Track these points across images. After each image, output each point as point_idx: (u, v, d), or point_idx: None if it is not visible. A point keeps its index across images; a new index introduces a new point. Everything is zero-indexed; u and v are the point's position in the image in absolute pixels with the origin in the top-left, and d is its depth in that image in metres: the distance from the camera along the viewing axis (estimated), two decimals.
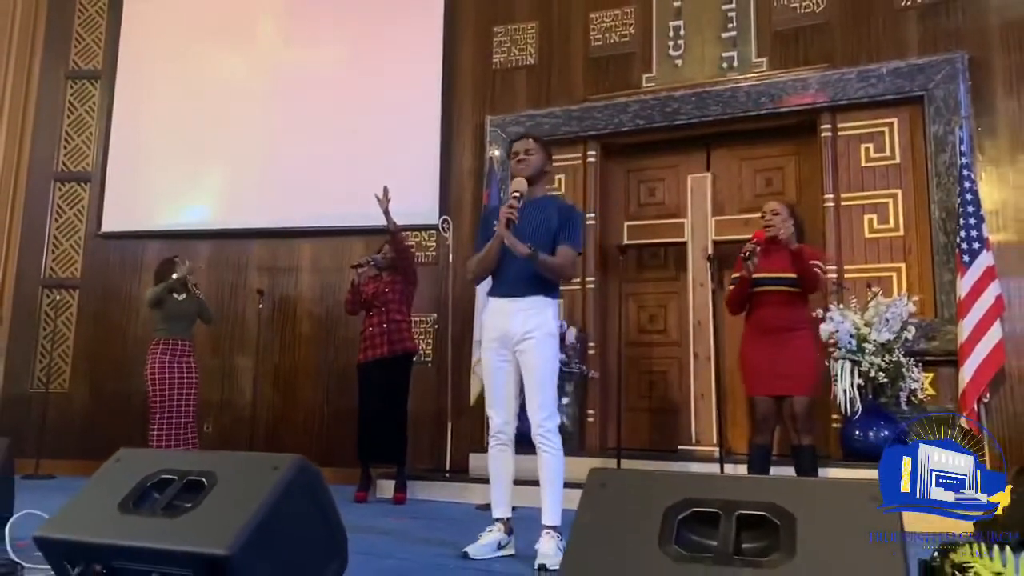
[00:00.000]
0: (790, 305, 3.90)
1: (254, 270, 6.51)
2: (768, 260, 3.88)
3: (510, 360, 3.20)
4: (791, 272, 3.84)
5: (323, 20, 6.67)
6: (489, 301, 3.33)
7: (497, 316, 3.23)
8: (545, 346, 3.17)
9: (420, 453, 5.65)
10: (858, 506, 1.57)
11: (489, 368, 3.25)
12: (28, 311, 6.72)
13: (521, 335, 3.15)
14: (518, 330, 3.16)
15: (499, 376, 3.22)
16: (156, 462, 2.25)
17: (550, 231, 3.19)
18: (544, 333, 3.17)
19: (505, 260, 3.21)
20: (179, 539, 1.92)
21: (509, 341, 3.18)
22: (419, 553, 3.20)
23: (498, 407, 3.21)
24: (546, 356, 3.17)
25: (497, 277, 3.28)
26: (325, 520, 2.13)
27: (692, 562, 1.53)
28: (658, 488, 1.70)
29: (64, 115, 7.00)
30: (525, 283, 3.17)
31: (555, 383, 3.22)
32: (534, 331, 3.14)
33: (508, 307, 3.20)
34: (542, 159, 3.31)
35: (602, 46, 5.96)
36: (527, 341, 3.14)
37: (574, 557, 1.62)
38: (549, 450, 3.07)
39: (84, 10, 7.16)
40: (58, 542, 2.07)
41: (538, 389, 3.14)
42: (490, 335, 3.25)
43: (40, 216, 6.87)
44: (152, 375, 5.31)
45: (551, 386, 3.19)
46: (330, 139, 6.46)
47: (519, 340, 3.16)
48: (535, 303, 3.17)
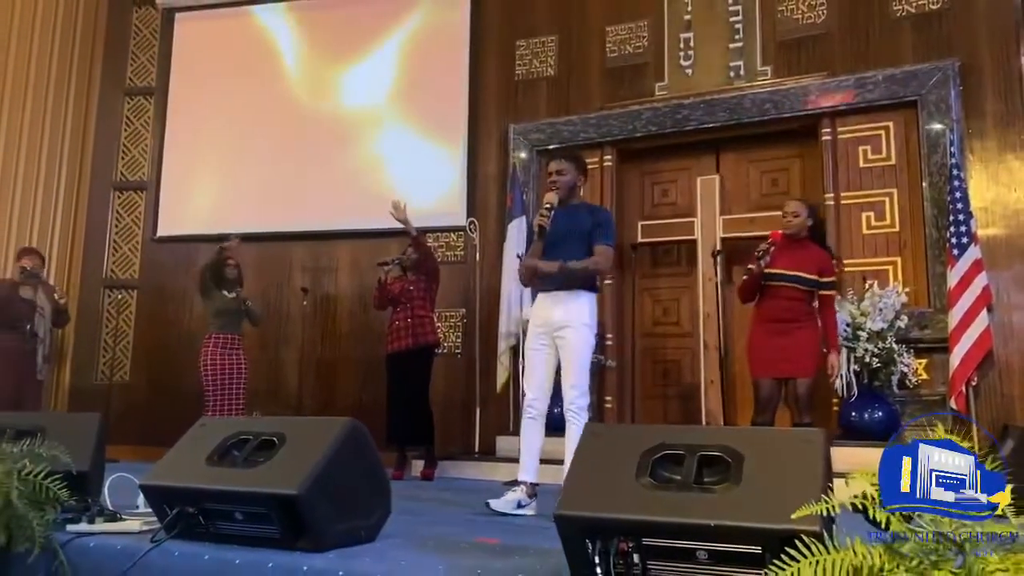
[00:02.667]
0: (798, 300, 4.31)
1: (297, 270, 7.02)
2: (784, 258, 4.27)
3: (549, 345, 3.66)
4: (802, 272, 4.24)
5: (358, 38, 7.17)
6: (537, 296, 3.81)
7: (542, 308, 3.71)
8: (581, 334, 3.62)
9: (451, 437, 6.10)
10: (794, 448, 2.00)
11: (530, 351, 3.72)
12: (92, 310, 7.33)
13: (560, 324, 3.61)
14: (558, 319, 3.62)
15: (537, 358, 3.68)
16: (234, 426, 2.73)
17: (583, 234, 3.64)
18: (580, 323, 3.62)
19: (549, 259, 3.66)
20: (258, 483, 2.39)
21: (550, 329, 3.65)
22: (449, 512, 3.67)
23: (533, 384, 3.67)
24: (581, 343, 3.62)
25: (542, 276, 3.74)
26: (372, 471, 2.61)
27: (660, 490, 1.96)
28: (637, 436, 2.14)
29: (122, 129, 7.60)
30: (565, 279, 3.63)
31: (588, 367, 3.67)
32: (572, 321, 3.60)
33: (551, 300, 3.68)
34: (574, 176, 3.76)
35: (617, 57, 6.38)
36: (565, 329, 3.60)
37: (570, 488, 2.06)
38: (577, 422, 3.50)
39: (139, 31, 7.75)
40: (160, 488, 2.55)
41: (572, 371, 3.59)
42: (535, 323, 3.73)
43: (101, 222, 7.47)
44: (205, 367, 5.79)
45: (584, 369, 3.64)
46: (366, 147, 6.96)
47: (558, 328, 3.62)
48: (574, 296, 3.63)
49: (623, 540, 1.90)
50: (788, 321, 4.26)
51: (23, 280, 6.03)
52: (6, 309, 5.94)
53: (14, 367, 5.91)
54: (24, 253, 6.24)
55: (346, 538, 2.41)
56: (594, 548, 1.91)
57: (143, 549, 2.36)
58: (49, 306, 6.15)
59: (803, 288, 4.31)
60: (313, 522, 2.31)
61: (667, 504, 1.91)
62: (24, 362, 5.98)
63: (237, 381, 5.83)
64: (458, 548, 2.48)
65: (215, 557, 2.30)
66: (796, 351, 4.22)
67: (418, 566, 2.16)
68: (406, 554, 2.33)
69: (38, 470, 2.49)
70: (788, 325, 4.25)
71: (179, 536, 2.46)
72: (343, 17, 7.26)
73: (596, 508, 1.95)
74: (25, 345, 5.98)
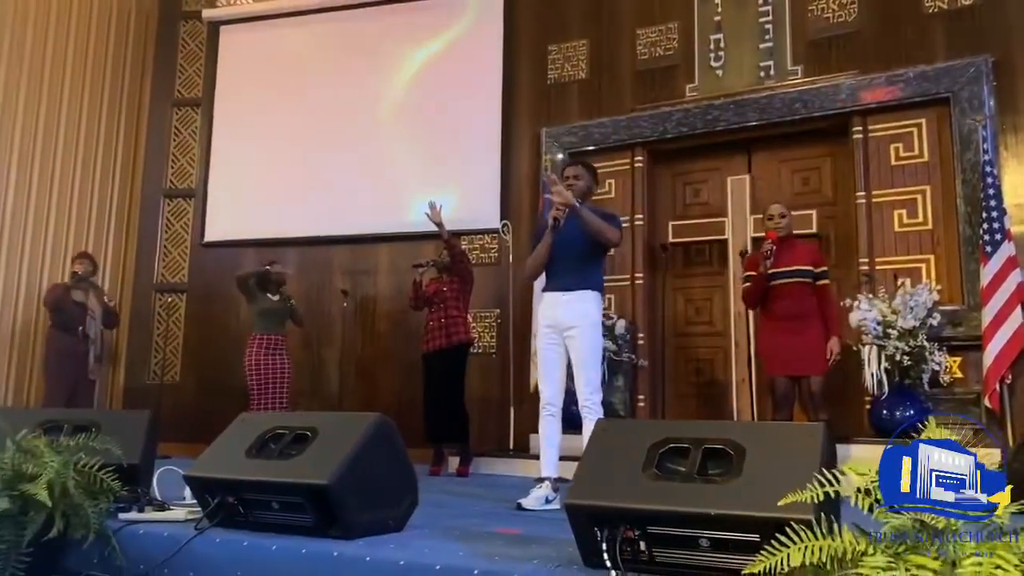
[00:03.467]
0: (803, 295, 4.43)
1: (338, 272, 7.23)
2: (779, 257, 4.39)
3: (560, 344, 3.77)
4: (802, 265, 4.34)
5: (396, 47, 7.34)
6: (543, 295, 3.92)
7: (548, 307, 3.81)
8: (589, 333, 3.73)
9: (486, 435, 6.23)
10: (794, 441, 2.08)
11: (542, 350, 3.83)
12: (144, 313, 7.64)
13: (569, 324, 3.72)
14: (566, 319, 3.73)
15: (550, 357, 3.79)
16: (271, 421, 2.90)
17: (585, 232, 3.73)
18: (588, 322, 3.72)
19: (555, 260, 3.79)
20: (292, 474, 2.54)
21: (559, 328, 3.75)
22: (480, 506, 3.79)
23: (548, 383, 3.78)
24: (590, 342, 3.74)
25: (549, 275, 3.87)
26: (400, 463, 2.74)
27: (665, 480, 2.06)
28: (645, 431, 2.25)
29: (170, 139, 7.91)
30: (572, 279, 3.75)
31: (599, 364, 3.78)
32: (580, 320, 3.71)
33: (558, 299, 3.78)
34: (588, 183, 3.90)
35: (648, 59, 6.44)
36: (574, 329, 3.71)
37: (580, 479, 2.17)
38: (592, 418, 3.59)
39: (186, 44, 8.05)
40: (203, 479, 2.73)
41: (584, 369, 3.70)
42: (543, 323, 3.83)
43: (152, 228, 7.79)
44: (250, 367, 6.01)
45: (595, 367, 3.75)
46: (403, 153, 7.14)
47: (567, 328, 3.72)
48: (580, 296, 3.73)
49: (629, 528, 2.00)
50: (797, 317, 4.36)
51: (74, 284, 6.35)
52: (60, 311, 6.27)
53: (69, 367, 6.23)
54: (77, 257, 6.57)
55: (375, 527, 2.55)
56: (602, 536, 2.02)
57: (187, 536, 2.53)
58: (99, 308, 6.45)
59: (805, 281, 4.50)
60: (343, 511, 2.46)
61: (671, 494, 2.01)
62: (78, 362, 6.29)
63: (280, 381, 6.04)
64: (480, 537, 2.60)
65: (253, 544, 2.46)
66: (808, 350, 4.32)
67: (440, 552, 2.28)
68: (430, 542, 2.46)
69: (92, 463, 2.67)
70: (798, 322, 4.36)
71: (220, 524, 2.63)
72: (380, 28, 7.44)
73: (603, 498, 2.06)
74: (78, 346, 6.28)
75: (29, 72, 7.08)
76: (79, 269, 6.40)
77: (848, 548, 1.58)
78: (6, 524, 2.50)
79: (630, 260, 6.18)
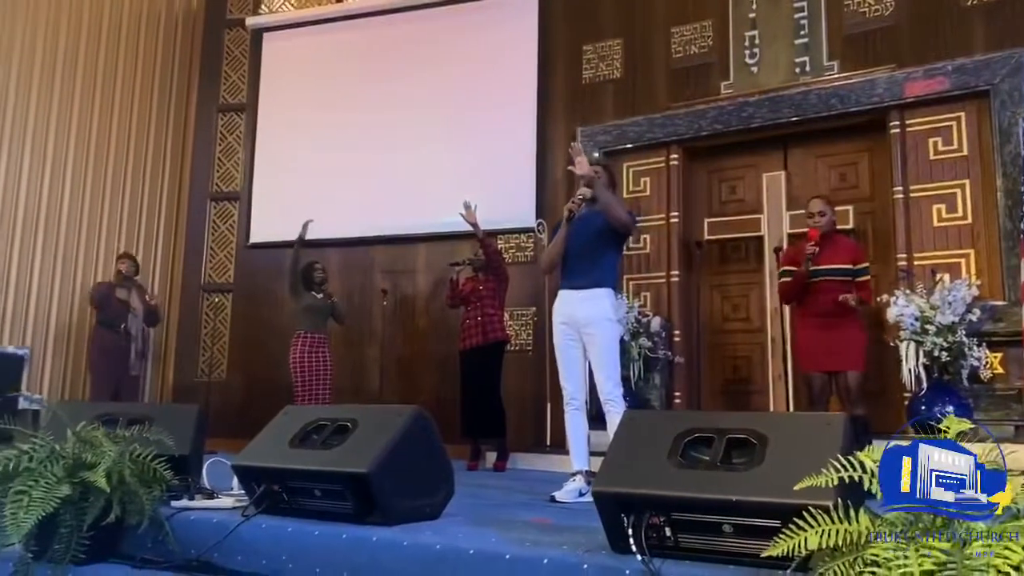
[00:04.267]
0: (841, 292, 4.40)
1: (378, 272, 7.39)
2: (822, 252, 4.39)
3: (577, 339, 3.85)
4: (842, 263, 4.34)
5: (432, 50, 7.48)
6: (558, 293, 3.99)
7: (564, 304, 3.89)
8: (606, 329, 3.80)
9: (524, 432, 6.32)
10: (815, 430, 2.13)
11: (560, 347, 3.91)
12: (192, 312, 7.90)
13: (586, 321, 3.79)
14: (583, 318, 3.80)
15: (569, 353, 3.87)
16: (313, 414, 3.03)
17: (600, 229, 3.82)
18: (604, 319, 3.80)
19: (570, 257, 3.87)
20: (334, 463, 2.66)
21: (576, 324, 3.83)
22: (515, 498, 3.88)
23: (570, 378, 3.87)
24: (608, 337, 3.81)
25: (564, 273, 3.95)
26: (436, 454, 2.85)
27: (689, 469, 2.12)
28: (671, 421, 2.31)
29: (216, 144, 8.16)
30: (586, 277, 3.83)
31: (617, 359, 3.85)
32: (597, 318, 3.78)
33: (573, 297, 3.85)
34: (605, 182, 3.95)
35: (682, 57, 6.47)
36: (591, 326, 3.78)
37: (607, 467, 2.24)
38: (615, 410, 3.67)
39: (230, 52, 8.29)
40: (249, 468, 2.86)
41: (603, 365, 3.78)
42: (560, 320, 3.90)
43: (199, 231, 8.04)
44: (294, 364, 6.18)
45: (614, 362, 3.82)
46: (441, 154, 7.26)
47: (584, 325, 3.80)
48: (594, 293, 3.81)
49: (654, 515, 2.08)
50: (834, 315, 4.36)
51: (119, 282, 6.62)
52: (104, 308, 6.55)
53: (112, 363, 6.50)
54: (120, 258, 6.83)
55: (412, 514, 2.66)
56: (628, 522, 2.09)
57: (235, 522, 2.66)
58: (142, 307, 6.70)
59: (843, 279, 4.48)
60: (382, 498, 2.57)
61: (695, 482, 2.08)
62: (120, 358, 6.55)
63: (323, 377, 6.21)
64: (513, 525, 2.69)
65: (297, 529, 2.58)
66: (844, 346, 4.33)
67: (473, 538, 2.37)
68: (464, 529, 2.56)
69: (146, 453, 2.81)
70: (835, 320, 4.36)
71: (266, 511, 2.76)
72: (418, 32, 7.58)
73: (630, 485, 2.13)
74: (120, 343, 6.54)
75: (83, 82, 7.40)
76: (122, 268, 6.66)
77: (863, 532, 1.63)
78: (68, 509, 2.65)
79: (666, 258, 6.21)
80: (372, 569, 2.35)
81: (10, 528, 2.56)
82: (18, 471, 2.70)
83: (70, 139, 7.27)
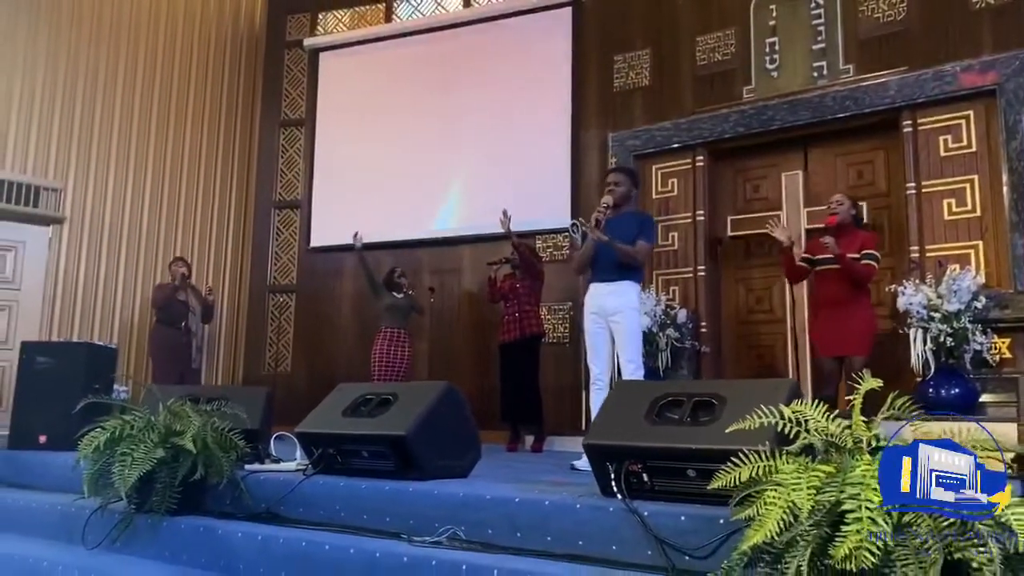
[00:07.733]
0: (847, 281, 4.76)
1: (426, 272, 7.93)
2: (837, 244, 4.76)
3: (605, 328, 4.35)
4: (852, 254, 4.70)
5: (476, 63, 7.99)
6: (590, 286, 4.50)
7: (595, 296, 4.42)
8: (631, 317, 4.32)
9: (561, 418, 6.76)
10: (765, 394, 2.56)
11: (590, 332, 4.43)
12: (259, 311, 8.61)
13: (614, 310, 4.30)
14: (611, 307, 4.31)
15: (597, 338, 4.39)
16: (361, 389, 3.58)
17: (631, 236, 4.32)
18: (630, 308, 4.32)
19: (599, 255, 4.36)
20: (378, 428, 3.19)
21: (604, 313, 4.34)
22: (543, 467, 4.38)
23: (596, 361, 4.37)
24: (633, 324, 4.33)
25: (594, 268, 4.45)
26: (464, 422, 3.35)
27: (662, 425, 2.58)
28: (650, 389, 2.78)
29: (278, 156, 8.85)
30: (613, 272, 4.34)
31: (639, 344, 4.34)
32: (623, 307, 4.30)
33: (602, 289, 4.37)
34: (628, 188, 4.47)
35: (707, 65, 6.84)
36: (618, 314, 4.30)
37: (596, 425, 2.72)
38: None
39: (290, 70, 8.97)
40: (309, 434, 3.42)
41: (627, 349, 4.28)
42: (590, 309, 4.43)
43: (264, 236, 8.74)
44: (375, 356, 6.73)
45: (636, 347, 4.32)
46: (483, 160, 7.78)
47: (611, 314, 4.30)
48: (621, 286, 4.33)
49: (633, 462, 2.54)
50: (842, 302, 4.72)
51: (181, 284, 7.28)
52: (167, 309, 7.24)
53: (176, 358, 7.20)
54: (175, 261, 7.47)
55: (444, 471, 3.17)
56: (612, 469, 2.56)
57: (297, 480, 3.22)
58: (198, 306, 7.38)
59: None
60: (418, 457, 3.09)
61: (666, 435, 2.54)
62: (182, 354, 7.26)
63: (398, 367, 6.71)
64: (529, 482, 3.18)
65: (348, 485, 3.11)
66: (851, 333, 4.69)
67: (494, 489, 2.87)
68: (487, 484, 3.06)
69: (224, 425, 3.39)
70: (843, 307, 4.71)
71: (323, 471, 3.31)
72: (460, 47, 8.11)
73: (614, 438, 2.61)
74: (181, 339, 7.25)
75: (159, 104, 8.19)
76: (184, 271, 7.32)
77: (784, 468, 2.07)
78: (163, 468, 3.24)
79: (692, 254, 6.61)
80: (409, 514, 2.87)
81: (118, 481, 3.16)
82: (122, 436, 3.31)
83: (148, 157, 8.05)
